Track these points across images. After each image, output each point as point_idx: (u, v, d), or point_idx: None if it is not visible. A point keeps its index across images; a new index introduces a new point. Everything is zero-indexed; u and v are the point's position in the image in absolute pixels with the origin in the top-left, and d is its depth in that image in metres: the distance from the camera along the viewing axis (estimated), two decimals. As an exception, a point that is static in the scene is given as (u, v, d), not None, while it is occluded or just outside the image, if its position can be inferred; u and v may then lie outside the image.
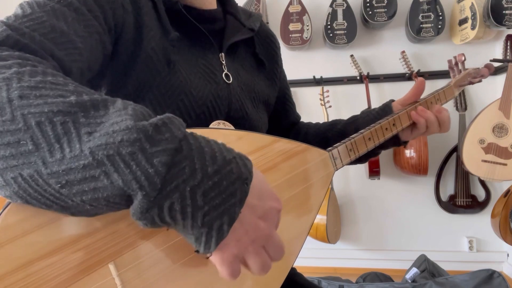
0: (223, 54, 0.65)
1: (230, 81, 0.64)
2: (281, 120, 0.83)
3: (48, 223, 0.35)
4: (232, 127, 0.61)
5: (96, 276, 0.37)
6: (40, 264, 0.34)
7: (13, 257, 0.33)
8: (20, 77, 0.32)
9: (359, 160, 0.77)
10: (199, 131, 0.48)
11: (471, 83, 0.87)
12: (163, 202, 0.30)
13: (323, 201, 0.63)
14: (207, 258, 0.36)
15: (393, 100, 0.77)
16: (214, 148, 0.34)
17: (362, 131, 0.67)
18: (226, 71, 0.64)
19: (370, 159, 0.79)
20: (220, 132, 0.50)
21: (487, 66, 0.85)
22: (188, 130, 0.35)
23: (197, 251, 0.34)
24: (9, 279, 0.32)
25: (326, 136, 0.79)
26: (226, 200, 0.32)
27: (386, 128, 0.70)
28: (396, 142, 0.77)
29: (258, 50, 0.73)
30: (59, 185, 0.30)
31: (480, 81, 0.87)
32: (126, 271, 0.38)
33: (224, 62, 0.64)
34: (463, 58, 0.88)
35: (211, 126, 0.59)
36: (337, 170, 0.63)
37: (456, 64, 0.89)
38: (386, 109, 0.75)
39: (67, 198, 0.31)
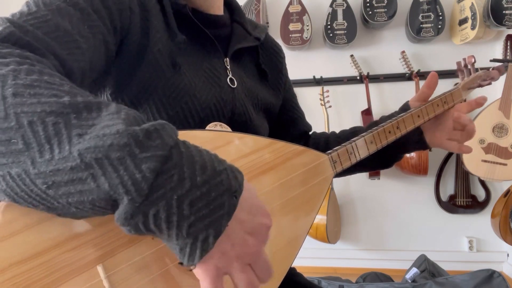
0: (227, 59, 0.65)
1: (235, 86, 0.64)
2: (290, 129, 0.82)
3: (37, 223, 0.34)
4: (229, 129, 0.60)
5: (85, 278, 0.36)
6: (28, 264, 0.34)
7: (1, 257, 0.33)
8: (16, 75, 0.32)
9: (384, 165, 0.77)
10: (195, 133, 0.48)
11: (481, 85, 0.83)
12: (148, 209, 0.30)
13: (323, 202, 0.62)
14: (190, 270, 0.34)
15: (408, 101, 0.76)
16: (205, 158, 0.33)
17: (363, 134, 0.66)
18: (230, 75, 0.64)
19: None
20: (217, 134, 0.49)
21: (497, 68, 0.82)
22: (184, 132, 0.34)
23: (181, 263, 0.33)
24: None
25: None
26: (213, 212, 0.32)
27: (390, 131, 0.68)
28: (421, 146, 0.75)
29: (262, 60, 0.73)
30: (46, 185, 0.30)
31: (489, 83, 0.83)
32: (114, 273, 0.38)
33: (228, 67, 0.65)
34: (473, 60, 0.83)
35: (207, 127, 0.58)
36: (336, 173, 0.61)
37: (466, 66, 0.85)
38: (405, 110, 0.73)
39: (53, 199, 0.30)
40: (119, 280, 0.38)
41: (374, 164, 0.78)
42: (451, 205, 2.13)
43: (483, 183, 2.10)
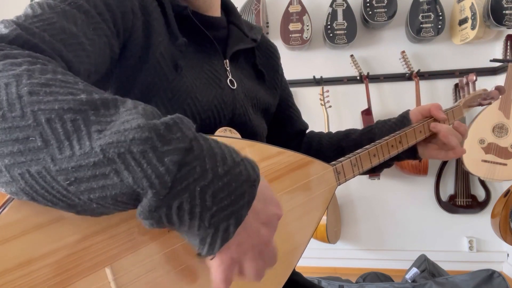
0: (227, 60, 0.66)
1: (235, 87, 0.65)
2: (286, 128, 0.83)
3: (48, 224, 0.34)
4: (238, 134, 0.61)
5: (92, 279, 0.36)
6: (37, 264, 0.34)
7: (10, 256, 0.33)
8: (30, 74, 0.32)
9: (372, 170, 0.78)
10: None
11: (481, 104, 0.86)
12: (172, 201, 0.30)
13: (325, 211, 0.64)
14: (211, 259, 0.36)
15: (409, 110, 0.78)
16: (223, 150, 0.34)
17: (367, 146, 0.68)
18: (230, 77, 0.65)
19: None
20: (227, 141, 0.51)
21: (497, 88, 0.85)
22: None
23: (199, 254, 0.34)
24: (6, 277, 0.32)
25: (340, 145, 0.80)
26: (234, 202, 0.33)
27: (392, 145, 0.70)
28: (412, 155, 0.78)
29: (258, 61, 0.74)
30: (68, 182, 0.30)
31: (490, 103, 0.87)
32: (122, 276, 0.38)
33: (228, 69, 0.65)
34: (474, 78, 0.87)
35: (217, 132, 0.59)
36: (339, 185, 0.63)
37: (467, 83, 0.90)
38: (404, 121, 0.76)
39: (74, 196, 0.30)
40: (126, 282, 0.38)
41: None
42: (451, 205, 2.13)
43: (483, 183, 2.10)
